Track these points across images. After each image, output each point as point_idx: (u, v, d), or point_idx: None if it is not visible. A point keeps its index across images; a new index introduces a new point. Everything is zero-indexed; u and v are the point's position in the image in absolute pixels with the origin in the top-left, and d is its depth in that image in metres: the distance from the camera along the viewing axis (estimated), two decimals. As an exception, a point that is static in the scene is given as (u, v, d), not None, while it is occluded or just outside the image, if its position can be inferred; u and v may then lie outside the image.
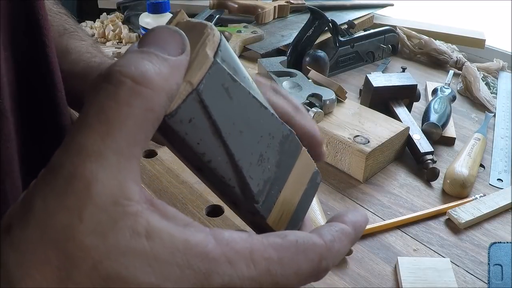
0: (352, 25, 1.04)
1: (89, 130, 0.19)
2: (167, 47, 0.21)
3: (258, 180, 0.26)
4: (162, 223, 0.20)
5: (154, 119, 0.20)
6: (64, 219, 0.18)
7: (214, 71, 0.22)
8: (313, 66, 0.86)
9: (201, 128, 0.22)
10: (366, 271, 0.53)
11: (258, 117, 0.25)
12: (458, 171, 0.65)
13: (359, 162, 0.66)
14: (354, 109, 0.75)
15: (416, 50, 1.08)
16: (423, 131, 0.74)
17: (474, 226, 0.60)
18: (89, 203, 0.18)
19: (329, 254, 0.24)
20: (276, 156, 0.27)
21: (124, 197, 0.19)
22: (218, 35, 0.23)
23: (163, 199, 0.62)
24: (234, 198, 0.26)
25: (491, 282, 0.51)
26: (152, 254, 0.19)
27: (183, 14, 0.25)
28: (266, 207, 0.27)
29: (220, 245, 0.21)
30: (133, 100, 0.19)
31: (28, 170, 0.35)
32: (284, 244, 0.22)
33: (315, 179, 0.32)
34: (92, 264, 0.18)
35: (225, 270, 0.20)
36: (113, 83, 0.19)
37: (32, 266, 0.17)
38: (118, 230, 0.18)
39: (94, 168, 0.18)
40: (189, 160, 0.24)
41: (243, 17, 1.15)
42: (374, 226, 0.58)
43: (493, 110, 0.87)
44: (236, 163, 0.24)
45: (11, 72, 0.33)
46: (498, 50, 1.11)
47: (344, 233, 0.25)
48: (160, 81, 0.20)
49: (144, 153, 0.71)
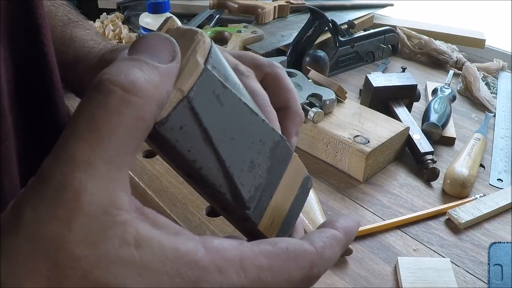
0: (352, 25, 1.04)
1: (79, 139, 0.19)
2: (158, 55, 0.21)
3: (249, 187, 0.26)
4: (151, 231, 0.20)
5: (145, 127, 0.20)
6: (54, 229, 0.18)
7: (204, 78, 0.22)
8: (313, 66, 0.86)
9: (192, 135, 0.22)
10: (366, 271, 0.53)
11: (249, 123, 0.25)
12: (458, 171, 0.65)
13: (359, 162, 0.66)
14: (354, 109, 0.75)
15: (416, 50, 1.08)
16: (423, 131, 0.74)
17: (474, 226, 0.59)
18: (78, 213, 0.18)
19: (320, 260, 0.24)
20: (267, 162, 0.27)
21: (113, 206, 0.19)
22: (208, 41, 0.23)
23: (163, 199, 0.62)
24: (226, 204, 0.26)
25: (491, 282, 0.51)
26: (142, 263, 0.19)
27: (174, 20, 0.25)
28: (257, 213, 0.27)
29: (210, 253, 0.20)
30: (123, 109, 0.19)
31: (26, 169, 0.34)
32: (275, 251, 0.22)
33: (306, 184, 0.31)
34: (82, 274, 0.18)
35: (215, 278, 0.20)
36: (103, 92, 0.19)
37: (23, 276, 0.17)
38: (107, 240, 0.18)
39: (84, 178, 0.18)
40: (180, 167, 0.24)
41: (243, 17, 1.15)
42: (374, 226, 0.58)
43: (493, 110, 0.87)
44: (227, 170, 0.24)
45: (10, 71, 0.33)
46: (498, 50, 1.11)
47: (335, 239, 0.25)
48: (150, 89, 0.20)
49: (144, 153, 0.71)
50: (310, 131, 0.71)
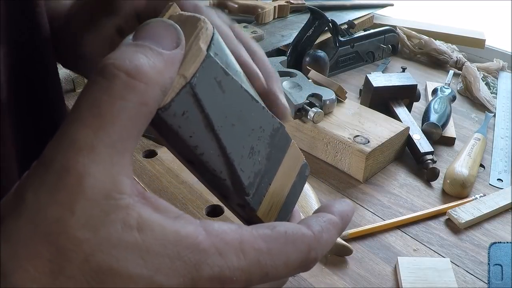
0: (352, 25, 1.04)
1: (81, 124, 0.19)
2: (162, 41, 0.21)
3: (249, 173, 0.26)
4: (153, 215, 0.20)
5: (148, 113, 0.20)
6: (56, 213, 0.18)
7: (207, 65, 0.22)
8: (313, 66, 0.86)
9: (194, 121, 0.23)
10: (366, 271, 0.53)
11: (250, 110, 0.25)
12: (458, 171, 0.65)
13: (359, 162, 0.66)
14: (354, 109, 0.75)
15: (416, 50, 1.08)
16: (423, 131, 0.74)
17: (474, 226, 0.59)
18: (81, 197, 0.18)
19: (317, 244, 0.24)
20: (266, 149, 0.27)
21: (116, 190, 0.19)
22: (211, 28, 0.23)
23: (163, 199, 0.62)
24: (225, 191, 0.26)
25: (491, 282, 0.51)
26: (144, 246, 0.19)
27: (176, 7, 0.25)
28: (256, 200, 0.27)
29: (210, 236, 0.21)
30: (127, 94, 0.19)
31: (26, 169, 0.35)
32: (273, 235, 0.23)
33: (303, 172, 0.32)
34: (84, 257, 0.18)
35: (215, 261, 0.20)
36: (107, 77, 0.19)
37: (24, 258, 0.18)
38: (109, 223, 0.19)
39: (86, 162, 0.18)
40: (181, 153, 0.24)
41: (243, 17, 1.15)
42: (374, 226, 0.58)
43: (493, 110, 0.87)
44: (228, 156, 0.24)
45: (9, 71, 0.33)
46: (498, 50, 1.11)
47: (332, 223, 0.26)
48: (154, 75, 0.20)
49: (144, 153, 0.71)
50: (310, 131, 0.71)
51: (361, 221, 0.60)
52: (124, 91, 0.19)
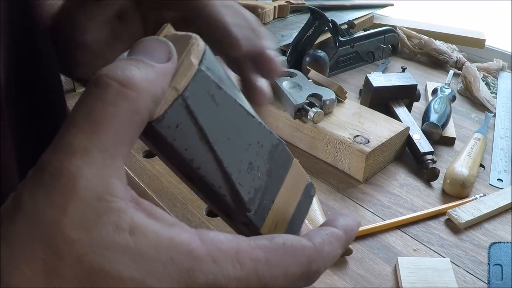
0: (352, 25, 1.04)
1: (76, 129, 0.20)
2: (154, 55, 0.22)
3: (248, 188, 0.26)
4: (146, 221, 0.20)
5: (139, 120, 0.21)
6: (51, 213, 0.18)
7: (199, 78, 0.23)
8: (313, 66, 0.86)
9: (188, 133, 0.23)
10: (366, 271, 0.53)
11: (246, 125, 0.26)
12: (458, 171, 0.65)
13: (359, 162, 0.66)
14: (354, 109, 0.75)
15: (416, 50, 1.08)
16: (423, 131, 0.74)
17: (474, 226, 0.60)
18: (74, 198, 0.19)
19: (318, 256, 0.24)
20: (266, 165, 0.27)
21: (108, 193, 0.19)
22: (202, 45, 0.24)
23: (163, 199, 0.62)
24: (227, 207, 0.26)
25: (491, 282, 0.51)
26: (136, 249, 0.19)
27: (170, 27, 0.26)
28: (259, 217, 0.27)
29: (205, 244, 0.21)
30: (119, 101, 0.20)
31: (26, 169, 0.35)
32: (272, 245, 0.23)
33: (309, 191, 0.32)
34: (76, 257, 0.18)
35: (210, 268, 0.20)
36: (101, 86, 0.20)
37: (21, 260, 0.18)
38: (102, 225, 0.19)
39: (80, 164, 0.19)
40: (179, 168, 0.25)
41: (243, 17, 1.15)
42: (374, 226, 0.58)
43: (493, 110, 0.87)
44: (225, 170, 0.25)
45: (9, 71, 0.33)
46: (498, 50, 1.11)
47: (335, 236, 0.26)
48: (146, 85, 0.21)
49: (144, 153, 0.71)
50: (310, 131, 0.71)
51: (361, 221, 0.60)
52: (116, 99, 0.20)
